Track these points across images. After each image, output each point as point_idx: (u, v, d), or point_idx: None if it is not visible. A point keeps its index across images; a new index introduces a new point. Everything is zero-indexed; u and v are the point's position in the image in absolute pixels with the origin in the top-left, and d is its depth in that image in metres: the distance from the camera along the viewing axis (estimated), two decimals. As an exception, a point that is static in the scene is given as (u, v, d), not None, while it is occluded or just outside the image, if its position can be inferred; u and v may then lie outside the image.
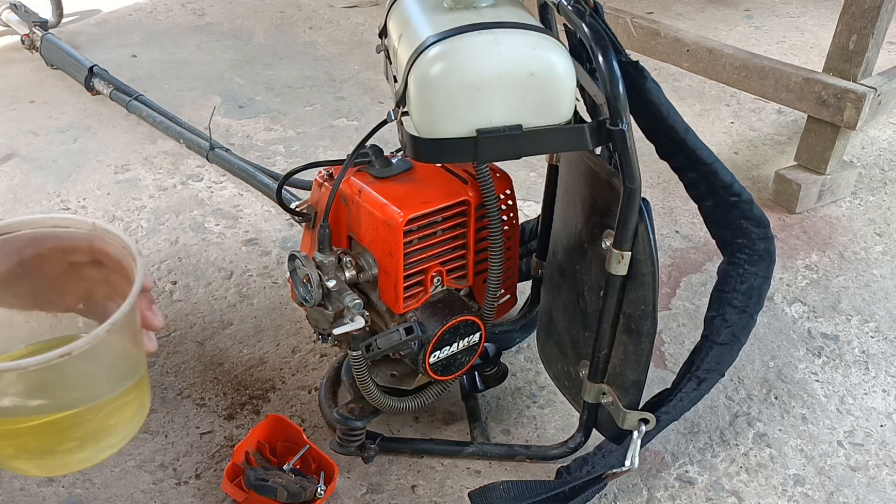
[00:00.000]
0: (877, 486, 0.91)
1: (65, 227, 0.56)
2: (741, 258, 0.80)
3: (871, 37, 1.28)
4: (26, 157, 1.59)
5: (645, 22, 1.60)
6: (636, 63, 0.69)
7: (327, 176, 0.90)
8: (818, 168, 1.41)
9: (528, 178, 1.52)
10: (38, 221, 0.56)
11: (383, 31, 0.83)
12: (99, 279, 0.57)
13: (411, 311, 0.85)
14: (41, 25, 2.06)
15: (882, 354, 1.10)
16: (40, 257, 0.56)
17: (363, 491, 0.88)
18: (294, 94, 1.89)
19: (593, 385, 0.82)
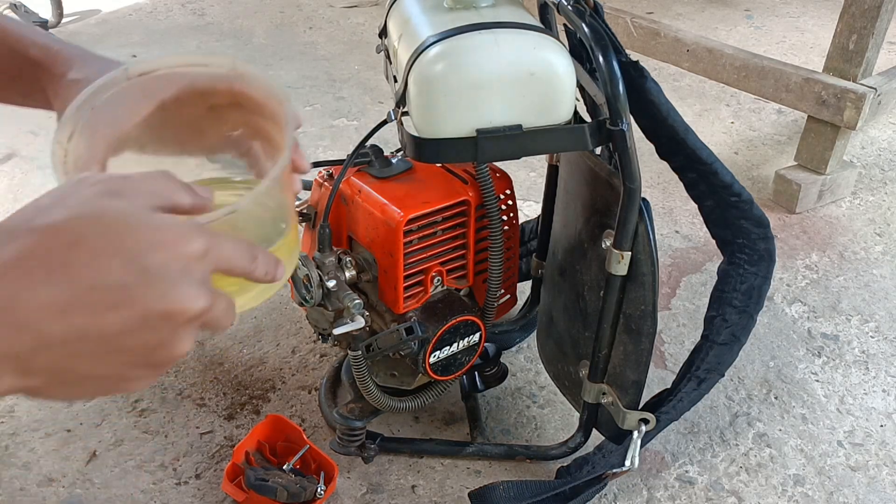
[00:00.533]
0: (877, 486, 0.91)
1: (203, 66, 0.54)
2: (741, 258, 0.80)
3: (871, 37, 1.28)
4: (26, 157, 1.58)
5: (645, 22, 1.60)
6: (636, 63, 0.69)
7: (327, 176, 0.90)
8: (818, 168, 1.41)
9: (528, 178, 1.52)
10: (174, 61, 0.54)
11: (383, 31, 0.83)
12: (240, 121, 0.55)
13: (411, 311, 0.85)
14: (41, 25, 2.06)
15: (882, 354, 1.10)
16: (178, 101, 0.53)
17: (363, 491, 0.88)
18: (294, 94, 1.89)
19: (593, 385, 0.82)
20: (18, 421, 0.97)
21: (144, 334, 0.36)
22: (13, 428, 0.96)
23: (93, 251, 0.34)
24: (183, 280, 0.36)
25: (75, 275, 0.34)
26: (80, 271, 0.34)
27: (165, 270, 0.35)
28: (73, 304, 0.34)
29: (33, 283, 0.33)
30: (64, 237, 0.34)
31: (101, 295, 0.34)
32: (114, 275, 0.34)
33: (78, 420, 0.97)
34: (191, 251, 0.37)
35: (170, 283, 0.36)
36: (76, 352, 0.34)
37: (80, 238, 0.34)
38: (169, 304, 0.35)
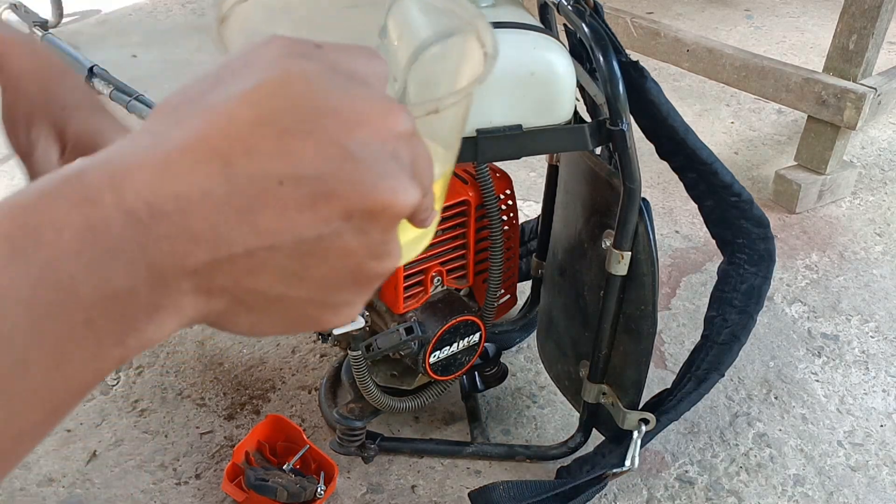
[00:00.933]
0: (877, 486, 0.91)
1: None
2: (741, 258, 0.80)
3: (871, 37, 1.28)
4: (26, 157, 1.58)
5: (645, 22, 1.60)
6: (636, 63, 0.69)
7: (327, 176, 0.90)
8: (818, 168, 1.41)
9: (528, 178, 1.52)
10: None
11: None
12: None
13: (411, 311, 0.85)
14: (41, 25, 2.06)
15: (882, 354, 1.10)
16: None
17: (363, 491, 0.88)
18: (294, 94, 1.89)
19: (593, 385, 0.82)
20: (18, 421, 0.97)
21: (350, 238, 0.27)
22: (13, 428, 0.96)
23: (281, 130, 0.25)
24: (393, 166, 0.27)
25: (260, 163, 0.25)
26: (266, 159, 0.25)
27: (372, 154, 0.26)
28: (258, 201, 0.25)
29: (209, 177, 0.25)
30: (272, 122, 0.25)
31: (292, 189, 0.25)
32: (308, 161, 0.26)
33: (78, 420, 0.97)
34: (400, 130, 0.27)
35: (379, 171, 0.26)
36: (264, 265, 0.26)
37: (290, 125, 0.26)
38: (380, 196, 0.26)
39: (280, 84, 0.26)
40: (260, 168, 0.25)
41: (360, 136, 0.26)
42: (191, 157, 0.25)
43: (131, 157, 0.24)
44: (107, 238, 0.23)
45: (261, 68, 0.26)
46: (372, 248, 0.28)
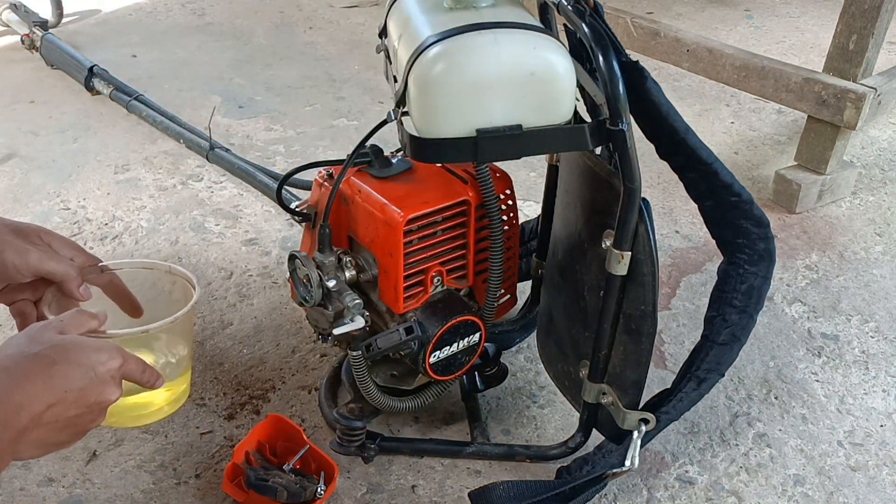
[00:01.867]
0: (877, 486, 0.91)
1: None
2: (741, 258, 0.80)
3: (871, 37, 1.28)
4: (26, 157, 1.59)
5: (645, 22, 1.60)
6: (636, 63, 0.69)
7: (327, 176, 0.90)
8: (818, 168, 1.41)
9: (528, 178, 1.52)
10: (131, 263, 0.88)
11: (383, 31, 0.83)
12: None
13: (411, 311, 0.85)
14: (41, 25, 2.06)
15: (882, 354, 1.10)
16: None
17: (363, 491, 0.88)
18: (294, 94, 1.89)
19: (593, 385, 0.82)
20: (18, 421, 0.97)
21: (90, 415, 0.61)
22: (13, 428, 0.96)
23: (64, 368, 0.58)
24: (112, 382, 0.62)
25: (56, 383, 0.57)
26: (58, 381, 0.58)
27: (104, 376, 0.61)
28: (56, 401, 0.57)
29: (35, 390, 0.56)
30: (47, 361, 0.58)
31: (71, 395, 0.58)
32: (77, 381, 0.59)
33: (78, 420, 0.97)
34: (115, 364, 0.62)
35: (105, 385, 0.61)
36: (53, 427, 0.58)
37: (55, 361, 0.58)
38: (104, 398, 0.61)
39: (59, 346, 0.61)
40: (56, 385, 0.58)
41: (100, 368, 0.61)
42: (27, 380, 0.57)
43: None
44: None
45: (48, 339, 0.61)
46: (95, 418, 0.62)
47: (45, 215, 1.39)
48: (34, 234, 0.79)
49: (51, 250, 0.79)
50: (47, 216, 1.39)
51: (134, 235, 1.34)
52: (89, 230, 1.35)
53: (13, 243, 0.76)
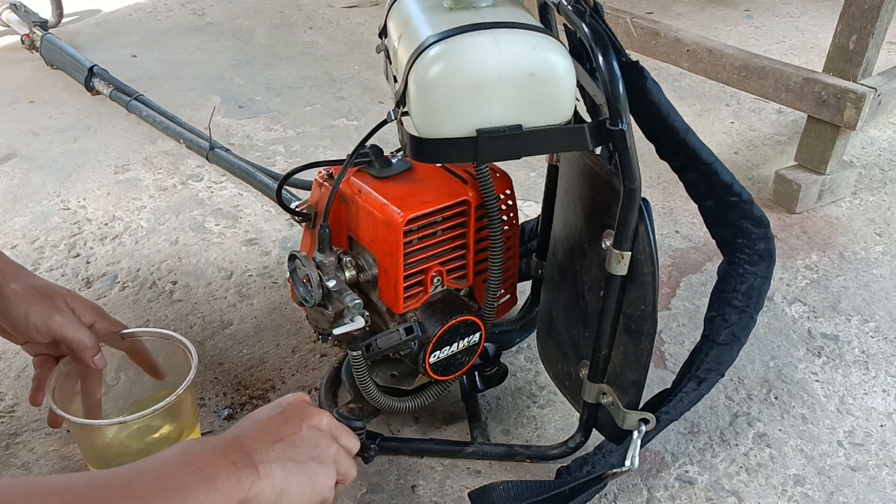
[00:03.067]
0: (877, 486, 0.91)
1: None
2: (741, 258, 0.80)
3: (871, 37, 1.28)
4: (26, 157, 1.59)
5: (645, 22, 1.60)
6: (636, 63, 0.69)
7: (327, 176, 0.90)
8: (818, 168, 1.41)
9: (528, 178, 1.52)
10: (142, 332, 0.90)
11: (383, 31, 0.83)
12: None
13: (411, 311, 0.85)
14: (41, 25, 2.06)
15: (882, 354, 1.10)
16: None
17: (363, 491, 0.88)
18: (294, 94, 1.89)
19: (593, 385, 0.82)
20: (18, 421, 0.97)
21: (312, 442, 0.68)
22: (13, 428, 0.96)
23: (294, 424, 0.67)
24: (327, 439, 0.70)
25: (273, 430, 0.66)
26: (283, 424, 0.67)
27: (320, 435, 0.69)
28: (283, 434, 0.66)
29: (270, 441, 0.64)
30: (281, 419, 0.67)
31: (300, 441, 0.67)
32: (303, 433, 0.67)
33: (78, 420, 0.97)
34: (325, 421, 0.71)
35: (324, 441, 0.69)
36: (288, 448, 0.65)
37: (287, 419, 0.67)
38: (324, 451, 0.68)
39: (290, 411, 0.69)
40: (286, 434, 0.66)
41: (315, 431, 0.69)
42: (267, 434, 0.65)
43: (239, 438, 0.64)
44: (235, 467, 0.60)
45: (280, 405, 0.70)
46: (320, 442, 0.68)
47: (45, 215, 1.39)
48: (60, 299, 0.82)
49: (73, 317, 0.82)
50: (47, 216, 1.39)
51: (134, 235, 1.34)
52: (89, 230, 1.35)
53: (39, 306, 0.80)
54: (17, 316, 0.80)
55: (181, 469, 0.56)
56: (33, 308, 0.80)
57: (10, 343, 0.86)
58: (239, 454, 0.60)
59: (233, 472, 0.58)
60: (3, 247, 1.29)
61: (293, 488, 0.63)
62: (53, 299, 0.82)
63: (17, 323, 0.80)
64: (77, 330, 0.82)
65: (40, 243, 1.31)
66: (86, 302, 0.85)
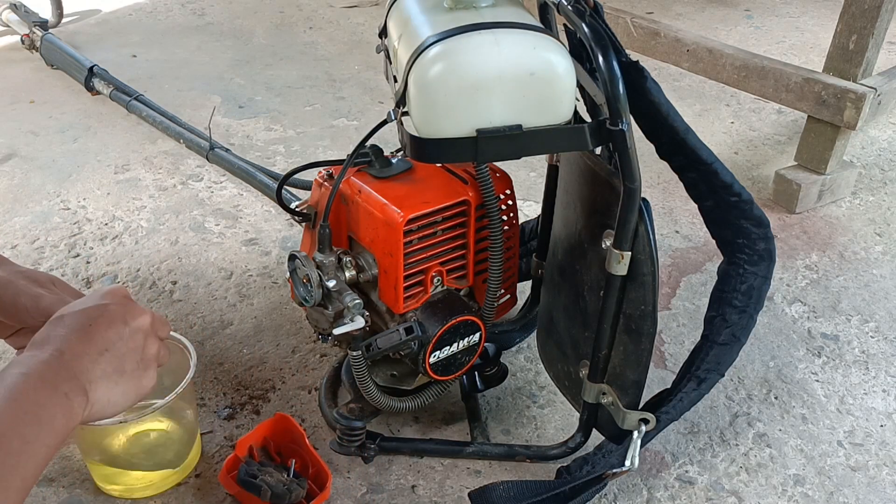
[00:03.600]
0: (877, 486, 0.91)
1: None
2: (741, 258, 0.80)
3: (871, 37, 1.28)
4: (26, 157, 1.59)
5: (645, 22, 1.60)
6: (636, 63, 0.69)
7: (327, 176, 0.90)
8: (818, 168, 1.41)
9: (528, 178, 1.52)
10: None
11: (383, 31, 0.83)
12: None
13: (411, 311, 0.85)
14: (41, 25, 2.06)
15: (882, 354, 1.10)
16: None
17: (363, 491, 0.88)
18: (294, 94, 1.89)
19: (593, 385, 0.82)
20: (18, 421, 0.97)
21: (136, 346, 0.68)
22: (13, 428, 0.96)
23: (117, 328, 0.66)
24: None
25: (97, 337, 0.65)
26: (106, 330, 0.66)
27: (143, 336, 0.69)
28: (108, 343, 0.65)
29: (96, 353, 0.64)
30: (105, 323, 0.66)
31: (125, 349, 0.67)
32: (127, 338, 0.67)
33: (78, 420, 0.97)
34: (148, 320, 0.70)
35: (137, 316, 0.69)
36: (114, 359, 0.65)
37: (111, 322, 0.66)
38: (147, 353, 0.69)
39: (100, 307, 0.68)
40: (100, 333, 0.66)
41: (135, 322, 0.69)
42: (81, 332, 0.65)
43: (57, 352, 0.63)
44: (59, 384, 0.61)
45: (91, 301, 0.69)
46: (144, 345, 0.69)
47: (45, 215, 1.39)
48: (48, 282, 0.83)
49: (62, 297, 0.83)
50: (47, 216, 1.39)
51: (134, 235, 1.34)
52: (89, 230, 1.35)
53: (26, 288, 0.80)
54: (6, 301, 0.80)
55: (20, 423, 0.56)
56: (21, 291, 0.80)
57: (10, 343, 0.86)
58: (69, 381, 0.61)
59: (66, 405, 0.59)
60: (3, 247, 1.29)
61: (119, 396, 0.65)
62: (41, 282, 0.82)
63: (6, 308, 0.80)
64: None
65: (40, 243, 1.31)
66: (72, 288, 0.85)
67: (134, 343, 0.67)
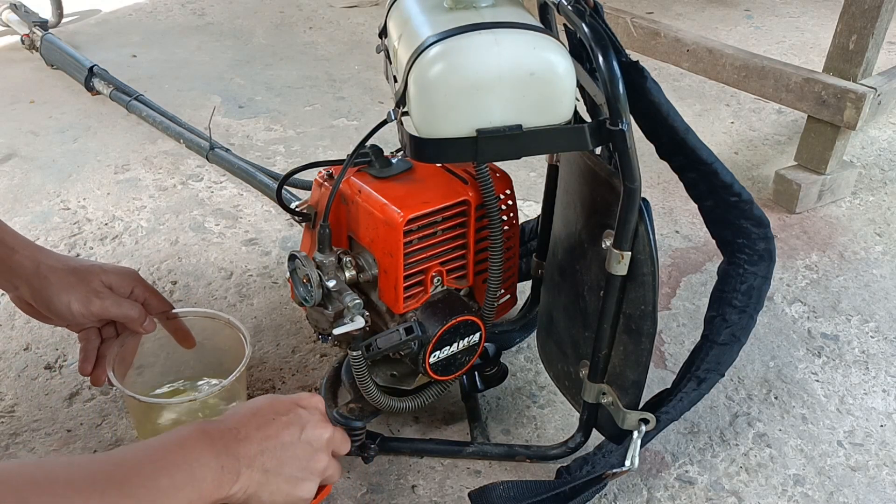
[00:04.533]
0: (877, 486, 0.91)
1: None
2: (741, 258, 0.80)
3: (871, 37, 1.28)
4: (26, 157, 1.59)
5: (645, 22, 1.60)
6: (636, 63, 0.69)
7: (327, 176, 0.90)
8: (818, 168, 1.41)
9: (528, 178, 1.52)
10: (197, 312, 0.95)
11: (383, 31, 0.83)
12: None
13: (411, 311, 0.85)
14: (41, 25, 2.06)
15: (882, 354, 1.10)
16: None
17: (363, 491, 0.88)
18: (294, 94, 1.89)
19: (593, 385, 0.82)
20: (18, 421, 0.97)
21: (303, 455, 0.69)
22: (13, 428, 0.96)
23: (293, 431, 0.68)
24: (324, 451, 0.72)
25: (272, 432, 0.67)
26: (283, 429, 0.68)
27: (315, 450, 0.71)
28: (278, 441, 0.67)
29: (263, 441, 0.66)
30: (284, 423, 0.68)
31: (292, 452, 0.68)
32: (299, 445, 0.69)
33: (78, 420, 0.97)
34: (326, 435, 0.72)
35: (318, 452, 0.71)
36: (276, 458, 0.66)
37: (289, 424, 0.69)
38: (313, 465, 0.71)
39: (276, 407, 0.70)
40: (272, 434, 0.67)
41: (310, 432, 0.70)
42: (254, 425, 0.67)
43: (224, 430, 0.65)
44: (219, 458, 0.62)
45: (269, 403, 0.70)
46: (313, 457, 0.70)
47: (45, 215, 1.39)
48: (95, 278, 0.85)
49: (111, 294, 0.85)
50: (47, 216, 1.39)
51: (134, 235, 1.34)
52: (89, 230, 1.35)
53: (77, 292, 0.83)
54: (59, 306, 0.83)
55: (174, 467, 0.58)
56: (74, 296, 0.83)
57: (10, 343, 0.87)
58: (228, 457, 0.62)
59: (218, 476, 0.61)
60: (3, 247, 1.29)
61: (266, 495, 0.66)
62: (89, 281, 0.84)
63: (61, 312, 0.83)
64: (119, 306, 0.85)
65: (40, 243, 1.31)
66: (120, 272, 0.87)
67: (303, 452, 0.68)
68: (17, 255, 0.84)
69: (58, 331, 1.10)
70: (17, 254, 0.84)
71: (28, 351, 1.07)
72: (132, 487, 0.55)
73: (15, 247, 0.85)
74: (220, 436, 0.63)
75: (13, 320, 1.12)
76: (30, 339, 1.09)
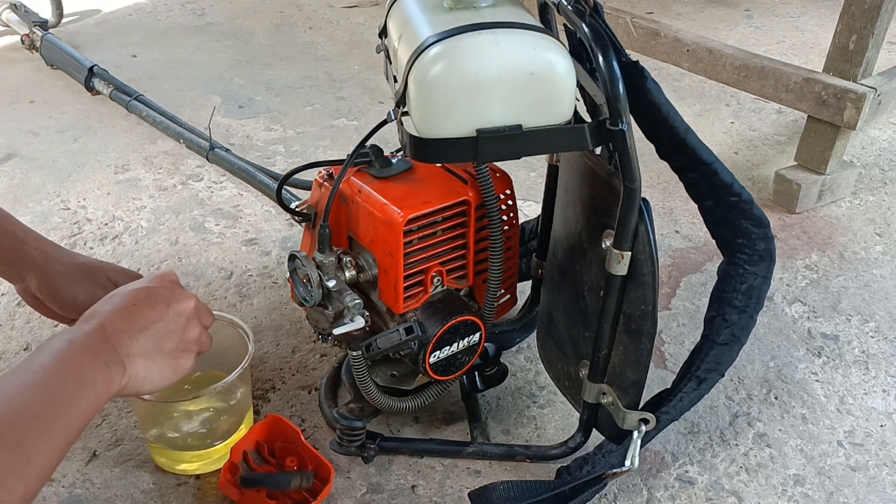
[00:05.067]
0: (877, 486, 0.91)
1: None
2: (741, 258, 0.80)
3: (871, 37, 1.28)
4: (26, 157, 1.59)
5: (645, 22, 1.60)
6: (636, 63, 0.69)
7: (327, 176, 0.90)
8: (818, 168, 1.41)
9: (528, 178, 1.52)
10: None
11: (383, 31, 0.83)
12: None
13: (411, 311, 0.85)
14: (41, 25, 2.06)
15: (882, 354, 1.10)
16: None
17: (363, 491, 0.88)
18: (294, 94, 1.89)
19: (593, 385, 0.82)
20: (18, 421, 0.97)
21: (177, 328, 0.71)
22: (13, 428, 0.96)
23: (159, 310, 0.70)
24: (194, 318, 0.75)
25: (139, 316, 0.68)
26: (148, 310, 0.69)
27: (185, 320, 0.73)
28: (148, 322, 0.69)
29: (136, 331, 0.67)
30: (147, 304, 0.70)
31: (165, 330, 0.70)
32: (168, 320, 0.71)
33: (78, 420, 0.97)
34: (191, 305, 0.74)
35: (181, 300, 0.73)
36: (153, 338, 0.68)
37: (153, 304, 0.70)
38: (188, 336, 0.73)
39: (149, 289, 0.71)
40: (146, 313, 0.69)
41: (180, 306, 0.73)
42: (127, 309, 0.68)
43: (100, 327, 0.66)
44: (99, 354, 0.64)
45: (142, 284, 0.72)
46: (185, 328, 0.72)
47: (45, 215, 1.39)
48: (102, 274, 0.88)
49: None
50: (47, 216, 1.39)
51: (134, 235, 1.34)
52: (89, 230, 1.35)
53: (84, 286, 0.86)
54: (65, 297, 0.85)
55: (64, 380, 0.60)
56: (79, 289, 0.85)
57: (10, 343, 0.87)
58: (108, 352, 0.64)
59: (105, 372, 0.63)
60: (3, 247, 1.29)
61: (156, 374, 0.68)
62: (96, 276, 0.87)
63: (66, 304, 0.86)
64: None
65: (40, 243, 1.31)
66: (126, 272, 0.90)
67: (175, 325, 0.70)
68: (27, 246, 0.86)
69: (58, 330, 1.10)
70: (27, 245, 0.86)
71: (28, 351, 1.07)
72: (39, 410, 0.57)
73: (25, 238, 0.87)
74: (90, 338, 0.64)
75: (13, 320, 1.12)
76: (30, 339, 1.09)
